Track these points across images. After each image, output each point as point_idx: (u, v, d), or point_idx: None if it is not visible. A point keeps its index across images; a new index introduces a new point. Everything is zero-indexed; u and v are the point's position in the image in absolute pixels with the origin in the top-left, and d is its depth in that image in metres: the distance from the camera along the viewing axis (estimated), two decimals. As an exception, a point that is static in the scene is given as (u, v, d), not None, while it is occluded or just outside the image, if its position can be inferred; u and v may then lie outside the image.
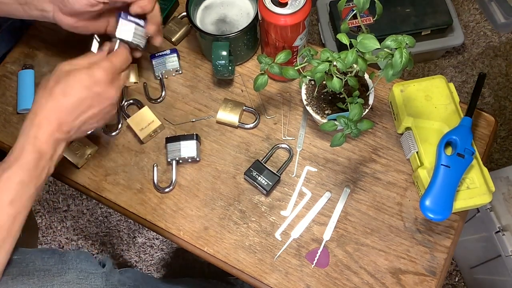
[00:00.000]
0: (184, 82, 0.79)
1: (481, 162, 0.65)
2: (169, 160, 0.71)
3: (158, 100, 0.77)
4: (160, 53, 0.78)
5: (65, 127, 0.57)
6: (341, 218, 0.68)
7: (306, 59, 0.60)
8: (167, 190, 0.71)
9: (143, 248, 1.30)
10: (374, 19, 0.68)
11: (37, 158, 0.55)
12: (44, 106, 0.57)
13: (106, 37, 0.66)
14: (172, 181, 0.71)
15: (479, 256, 1.09)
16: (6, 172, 0.53)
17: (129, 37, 0.65)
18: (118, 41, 0.64)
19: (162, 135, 0.75)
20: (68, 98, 0.57)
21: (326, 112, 0.67)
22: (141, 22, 0.66)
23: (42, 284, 0.56)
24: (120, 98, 0.66)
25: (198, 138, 0.72)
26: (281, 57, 0.61)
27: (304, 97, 0.68)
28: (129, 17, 0.65)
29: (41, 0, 0.63)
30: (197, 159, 0.71)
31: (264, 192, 0.69)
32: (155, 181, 0.71)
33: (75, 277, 0.59)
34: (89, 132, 0.62)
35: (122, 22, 0.64)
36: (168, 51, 0.78)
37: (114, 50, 0.63)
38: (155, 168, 0.72)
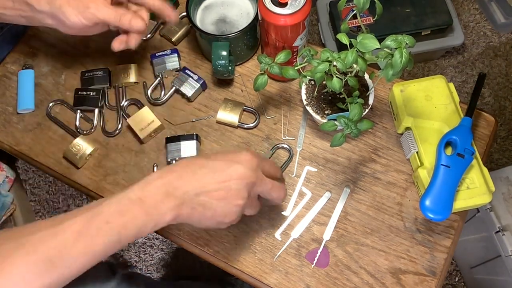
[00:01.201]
0: (184, 82, 0.79)
1: (481, 162, 0.65)
2: (169, 160, 0.71)
3: (158, 100, 0.77)
4: (160, 53, 0.78)
5: (184, 185, 0.51)
6: (341, 218, 0.68)
7: (306, 59, 0.60)
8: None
9: (143, 248, 1.30)
10: (374, 19, 0.68)
11: (135, 202, 0.49)
12: (181, 161, 0.54)
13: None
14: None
15: (479, 256, 1.09)
16: (100, 202, 0.49)
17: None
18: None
19: (162, 135, 0.75)
20: (208, 160, 0.53)
21: (326, 112, 0.67)
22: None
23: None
24: (238, 218, 0.55)
25: (198, 138, 0.72)
26: (281, 57, 0.61)
27: (304, 97, 0.68)
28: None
29: (43, 17, 0.63)
30: (197, 159, 0.71)
31: None
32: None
33: (92, 283, 0.59)
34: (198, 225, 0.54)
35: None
36: (168, 51, 0.78)
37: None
38: (155, 168, 0.72)
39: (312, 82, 0.69)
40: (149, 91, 0.77)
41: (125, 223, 0.49)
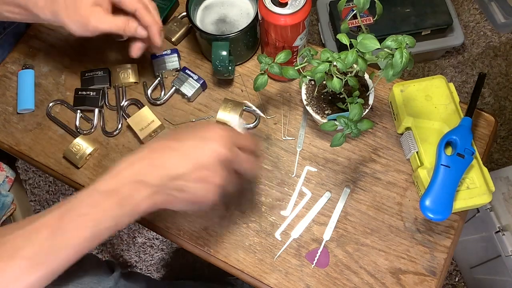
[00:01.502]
0: (184, 82, 0.79)
1: (481, 162, 0.65)
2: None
3: (158, 100, 0.77)
4: (161, 53, 0.78)
5: (157, 169, 0.49)
6: (341, 218, 0.68)
7: (306, 59, 0.60)
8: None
9: (143, 248, 1.30)
10: (374, 19, 0.68)
11: (108, 193, 0.48)
12: (148, 145, 0.51)
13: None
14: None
15: (479, 256, 1.09)
16: (75, 196, 0.49)
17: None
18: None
19: (162, 135, 0.75)
20: (169, 137, 0.51)
21: (326, 112, 0.67)
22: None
23: (58, 282, 0.53)
24: (219, 195, 0.53)
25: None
26: (281, 57, 0.61)
27: (304, 97, 0.68)
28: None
29: (48, 22, 0.64)
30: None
31: None
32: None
33: (89, 281, 0.58)
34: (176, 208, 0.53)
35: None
36: (168, 51, 0.78)
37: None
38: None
39: (312, 82, 0.69)
40: (149, 91, 0.77)
41: (99, 216, 0.48)
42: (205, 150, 0.50)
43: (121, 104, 0.77)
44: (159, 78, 0.78)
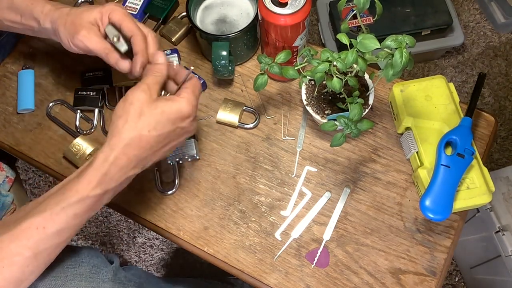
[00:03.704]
0: (184, 82, 0.79)
1: (481, 162, 0.65)
2: (168, 162, 0.71)
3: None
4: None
5: (142, 163, 0.54)
6: (341, 218, 0.68)
7: (306, 59, 0.60)
8: (169, 192, 0.71)
9: (143, 248, 1.30)
10: (374, 19, 0.68)
11: (100, 195, 0.51)
12: (124, 137, 0.52)
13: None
14: (175, 184, 0.71)
15: (479, 256, 1.09)
16: (63, 201, 0.50)
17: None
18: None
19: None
20: (153, 133, 0.52)
21: (326, 112, 0.67)
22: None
23: (55, 274, 0.56)
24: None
25: (195, 137, 0.72)
26: (281, 57, 0.61)
27: (304, 97, 0.68)
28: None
29: (47, 33, 0.65)
30: (197, 157, 0.71)
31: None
32: (159, 185, 0.71)
33: (87, 271, 0.59)
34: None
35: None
36: (168, 51, 0.78)
37: (190, 81, 0.58)
38: (156, 173, 0.72)
39: (312, 82, 0.69)
40: (149, 91, 0.77)
41: (94, 210, 0.53)
42: (181, 133, 0.56)
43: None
44: (159, 78, 0.78)
